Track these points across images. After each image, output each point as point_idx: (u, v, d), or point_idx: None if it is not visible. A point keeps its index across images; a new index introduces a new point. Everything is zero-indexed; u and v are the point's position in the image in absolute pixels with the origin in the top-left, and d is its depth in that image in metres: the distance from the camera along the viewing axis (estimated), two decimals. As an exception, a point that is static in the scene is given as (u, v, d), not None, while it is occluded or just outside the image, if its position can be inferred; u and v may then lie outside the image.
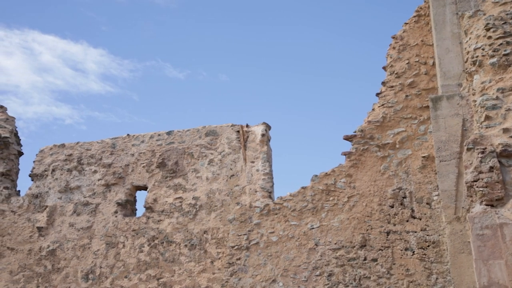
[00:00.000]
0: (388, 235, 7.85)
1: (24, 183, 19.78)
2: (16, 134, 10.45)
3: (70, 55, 33.58)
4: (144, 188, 9.46)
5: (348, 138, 8.45)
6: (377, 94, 8.56)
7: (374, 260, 7.81)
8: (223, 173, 9.05)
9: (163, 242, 8.91)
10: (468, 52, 7.52)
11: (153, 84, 33.63)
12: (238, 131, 9.17)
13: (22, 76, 33.00)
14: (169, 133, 9.57)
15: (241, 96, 32.58)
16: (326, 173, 8.42)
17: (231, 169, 9.03)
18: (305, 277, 8.02)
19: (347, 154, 8.39)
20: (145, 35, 34.24)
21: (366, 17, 32.46)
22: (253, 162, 8.94)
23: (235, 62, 33.25)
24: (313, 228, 8.21)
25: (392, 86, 8.46)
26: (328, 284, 7.89)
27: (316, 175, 8.47)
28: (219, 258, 8.58)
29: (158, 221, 9.06)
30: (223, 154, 9.16)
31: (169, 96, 33.39)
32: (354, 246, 7.94)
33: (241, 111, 30.38)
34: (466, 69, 7.52)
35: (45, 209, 9.57)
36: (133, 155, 9.55)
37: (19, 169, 10.41)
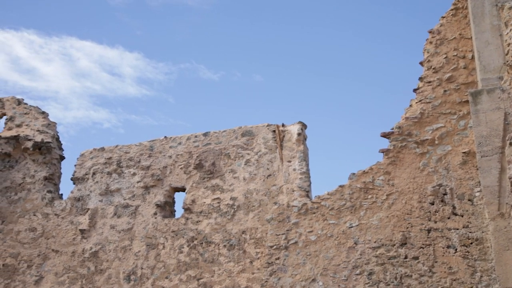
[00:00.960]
0: (429, 232, 7.73)
1: (66, 187, 20.22)
2: (57, 139, 10.72)
3: (107, 60, 34.22)
4: (182, 189, 9.56)
5: (385, 135, 8.35)
6: (415, 90, 8.43)
7: (415, 258, 7.70)
8: (260, 173, 9.07)
9: (202, 243, 8.98)
10: (508, 44, 7.33)
11: (188, 86, 33.96)
12: (274, 131, 9.17)
13: (61, 82, 33.80)
14: (205, 134, 9.65)
15: (276, 95, 32.57)
16: (364, 171, 8.34)
17: (268, 169, 9.04)
18: (345, 276, 7.97)
19: (385, 152, 8.29)
20: (179, 37, 34.61)
21: (400, 11, 32.02)
22: (289, 161, 8.93)
23: (269, 62, 33.26)
24: (352, 227, 8.15)
25: (429, 82, 8.32)
26: (368, 283, 7.82)
27: (353, 173, 8.40)
28: (258, 258, 8.60)
29: (197, 222, 9.14)
30: (259, 154, 9.18)
31: (204, 97, 33.65)
32: (394, 244, 7.84)
33: (276, 111, 30.37)
34: (507, 61, 7.33)
35: (87, 211, 9.77)
36: (170, 157, 9.67)
37: (61, 173, 10.67)
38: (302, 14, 32.75)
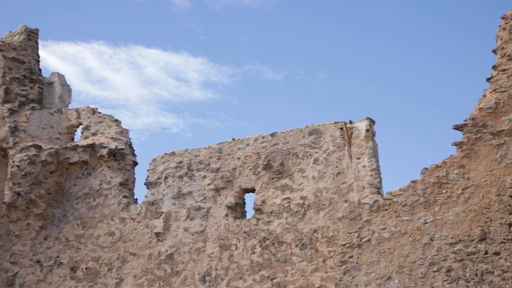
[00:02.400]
0: (510, 227, 7.40)
1: (140, 192, 20.89)
2: (130, 145, 11.09)
3: (172, 66, 35.04)
4: (252, 190, 9.63)
5: (458, 128, 8.07)
6: (488, 79, 8.10)
7: (497, 253, 7.39)
8: (329, 171, 9.00)
9: (274, 243, 9.02)
10: None
11: (252, 87, 34.21)
12: (342, 128, 9.08)
13: (131, 90, 34.92)
14: (272, 134, 9.68)
15: (341, 93, 32.23)
16: (437, 165, 8.10)
17: (337, 166, 8.96)
18: (421, 273, 7.77)
19: (459, 144, 8.02)
20: (241, 40, 34.93)
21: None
22: (359, 158, 8.81)
23: (332, 59, 32.96)
24: (426, 223, 7.93)
25: (504, 70, 7.96)
26: (447, 280, 7.58)
27: (426, 168, 8.17)
28: (331, 257, 8.53)
29: (268, 222, 9.19)
30: (328, 152, 9.11)
31: (268, 98, 33.79)
32: (473, 240, 7.56)
33: (343, 108, 30.07)
34: None
35: (161, 215, 10.04)
36: (239, 158, 9.77)
37: (135, 178, 11.02)
38: (363, 9, 32.22)
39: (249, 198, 9.85)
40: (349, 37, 32.62)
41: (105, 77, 34.96)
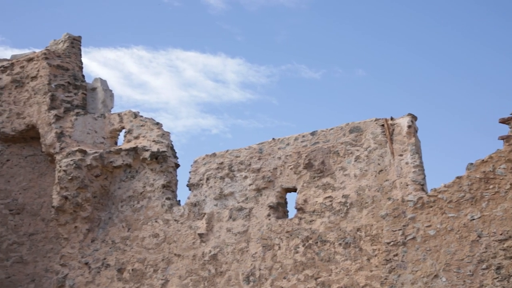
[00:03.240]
0: (562, 222, 7.15)
1: (183, 193, 21.15)
2: (172, 148, 11.23)
3: (211, 68, 35.34)
4: (294, 189, 9.61)
5: (505, 121, 7.84)
6: (534, 70, 7.84)
7: (549, 250, 7.15)
8: (371, 169, 8.89)
9: (317, 242, 8.98)
10: None
11: (291, 86, 34.15)
12: (383, 125, 8.95)
13: (170, 92, 35.40)
14: (313, 133, 9.63)
15: (381, 89, 31.83)
16: (483, 160, 7.89)
17: (379, 164, 8.85)
18: (470, 271, 7.58)
19: (505, 138, 7.79)
20: (278, 39, 34.91)
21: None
22: (401, 155, 8.67)
23: (371, 56, 32.57)
24: (473, 219, 7.74)
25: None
26: (497, 277, 7.38)
27: (471, 163, 7.98)
28: (376, 255, 8.43)
29: (310, 221, 9.15)
30: (369, 150, 9.00)
31: (307, 97, 33.68)
32: (523, 236, 7.34)
33: (383, 105, 29.69)
34: None
35: (203, 216, 10.13)
36: (280, 158, 9.76)
37: (177, 180, 11.16)
38: (399, 4, 31.70)
39: (291, 198, 9.85)
40: (387, 32, 32.16)
41: (145, 81, 35.56)
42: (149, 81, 35.91)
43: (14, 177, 12.54)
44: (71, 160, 11.17)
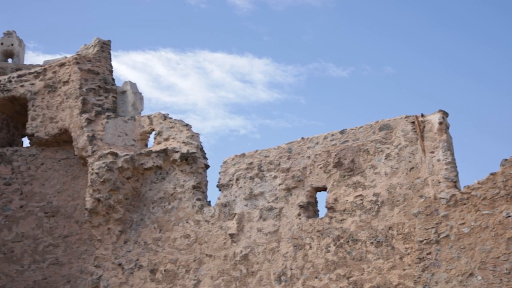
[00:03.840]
0: None
1: (213, 194, 21.33)
2: (201, 149, 11.31)
3: (238, 69, 35.48)
4: (324, 188, 9.57)
5: (539, 115, 7.67)
6: None
7: None
8: (402, 166, 8.79)
9: (348, 241, 8.92)
10: None
11: (318, 85, 34.04)
12: (413, 122, 8.84)
13: (198, 94, 35.66)
14: (342, 132, 9.57)
15: (410, 86, 31.48)
16: (518, 155, 7.73)
17: (410, 161, 8.74)
18: (506, 269, 7.43)
19: (540, 133, 7.61)
20: (305, 38, 34.83)
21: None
22: (432, 152, 8.55)
23: (399, 53, 32.22)
24: (509, 216, 7.58)
25: None
26: (534, 276, 7.21)
27: (506, 159, 7.82)
28: (408, 254, 8.33)
29: (341, 220, 9.10)
30: (399, 147, 8.90)
31: (335, 95, 33.52)
32: (561, 233, 7.16)
33: (413, 102, 29.37)
34: None
35: (234, 216, 10.17)
36: (309, 157, 9.73)
37: (207, 181, 11.23)
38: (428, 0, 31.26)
39: (321, 197, 9.81)
40: (414, 28, 31.78)
41: (173, 83, 35.91)
42: (177, 83, 36.27)
43: (49, 180, 12.80)
44: (103, 162, 11.34)
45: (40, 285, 11.91)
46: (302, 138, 9.96)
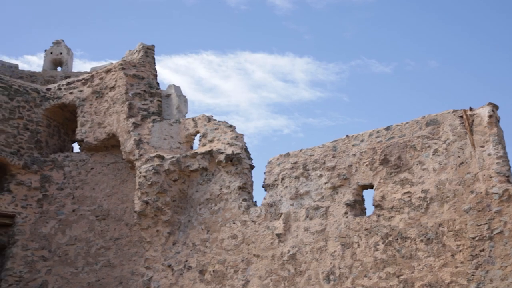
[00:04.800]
0: None
1: (258, 194, 21.40)
2: (246, 150, 11.36)
3: (279, 68, 35.44)
4: (370, 186, 9.45)
5: None
6: None
7: None
8: (450, 162, 8.59)
9: (397, 239, 8.78)
10: None
11: (361, 82, 33.63)
12: (461, 116, 8.62)
13: (240, 95, 35.83)
14: (387, 128, 9.43)
15: (456, 80, 30.67)
16: None
17: (459, 156, 8.53)
18: None
19: None
20: (346, 35, 34.46)
21: None
22: (482, 146, 8.31)
23: (443, 46, 31.45)
24: None
25: None
26: None
27: (561, 151, 7.52)
28: (460, 251, 8.13)
29: (389, 218, 8.96)
30: (448, 143, 8.69)
31: (379, 91, 33.03)
32: None
33: (460, 95, 28.61)
34: None
35: (280, 216, 10.16)
36: (354, 155, 9.63)
37: (252, 182, 11.27)
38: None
39: (368, 195, 9.69)
40: (458, 20, 30.93)
41: (216, 85, 36.19)
42: (219, 85, 36.54)
43: (98, 184, 13.11)
44: (150, 166, 11.54)
45: (93, 287, 12.23)
46: (347, 136, 9.86)
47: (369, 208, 9.57)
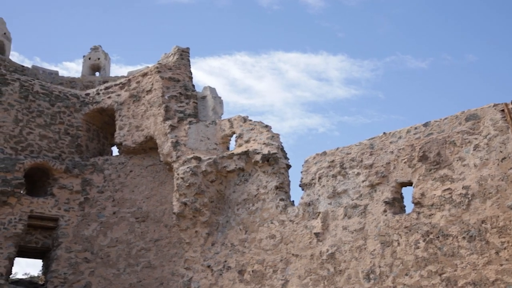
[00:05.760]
0: None
1: (295, 193, 21.34)
2: (282, 149, 11.35)
3: (313, 67, 35.28)
4: (409, 183, 9.31)
5: None
6: None
7: None
8: (492, 157, 8.38)
9: (438, 237, 8.62)
10: None
11: (396, 78, 33.16)
12: (503, 110, 8.40)
13: (275, 95, 35.82)
14: (425, 124, 9.27)
15: (496, 73, 29.92)
16: None
17: (501, 151, 8.31)
18: None
19: None
20: (381, 32, 34.04)
21: None
22: (526, 140, 8.08)
23: (481, 39, 30.73)
24: None
25: None
26: None
27: None
28: (505, 248, 7.93)
29: (430, 215, 8.81)
30: (489, 137, 8.49)
31: (415, 87, 32.51)
32: None
33: (500, 89, 27.90)
34: None
35: (318, 215, 10.12)
36: (392, 152, 9.50)
37: (289, 181, 11.26)
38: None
39: (407, 192, 9.55)
40: (496, 11, 30.12)
41: (250, 85, 36.28)
42: (253, 85, 36.62)
43: (138, 187, 13.33)
44: (187, 167, 11.66)
45: (135, 288, 12.43)
46: (384, 133, 9.74)
47: (408, 206, 9.45)
